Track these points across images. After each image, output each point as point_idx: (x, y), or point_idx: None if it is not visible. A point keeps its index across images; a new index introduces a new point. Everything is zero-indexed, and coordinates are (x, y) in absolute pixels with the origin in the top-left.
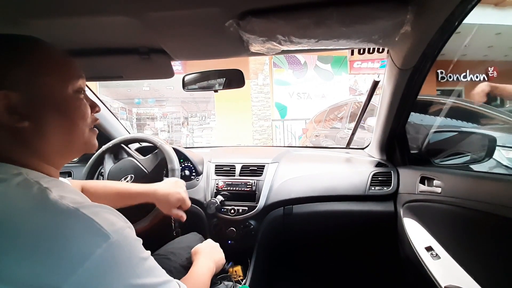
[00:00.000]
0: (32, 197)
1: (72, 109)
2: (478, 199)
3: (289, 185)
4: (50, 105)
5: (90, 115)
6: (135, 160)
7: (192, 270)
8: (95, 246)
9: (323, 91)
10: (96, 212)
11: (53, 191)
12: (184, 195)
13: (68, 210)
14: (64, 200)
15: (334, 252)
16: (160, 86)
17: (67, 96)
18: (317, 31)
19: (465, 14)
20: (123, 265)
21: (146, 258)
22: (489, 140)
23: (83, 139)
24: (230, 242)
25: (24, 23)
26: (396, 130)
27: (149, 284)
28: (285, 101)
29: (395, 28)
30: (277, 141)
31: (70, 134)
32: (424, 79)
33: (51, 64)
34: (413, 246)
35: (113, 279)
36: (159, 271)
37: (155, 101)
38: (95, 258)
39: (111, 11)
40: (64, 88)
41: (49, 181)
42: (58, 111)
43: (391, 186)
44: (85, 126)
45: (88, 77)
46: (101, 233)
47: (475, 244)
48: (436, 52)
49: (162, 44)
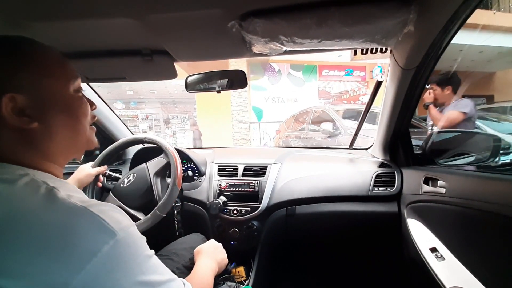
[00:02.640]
0: (40, 196)
1: (75, 107)
2: (483, 199)
3: (292, 185)
4: (55, 105)
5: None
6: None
7: (195, 270)
8: (103, 243)
9: (295, 96)
10: (103, 210)
11: (61, 190)
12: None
13: (76, 208)
14: (72, 199)
15: (337, 253)
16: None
17: (69, 95)
18: (320, 31)
19: (468, 14)
20: (129, 262)
21: (150, 256)
22: (493, 140)
23: (86, 137)
24: (233, 242)
25: (28, 26)
26: (399, 130)
27: (155, 281)
28: (261, 105)
29: (398, 28)
30: (254, 142)
31: (75, 132)
32: (427, 79)
33: (53, 65)
34: (418, 247)
35: (120, 275)
36: (164, 269)
37: (137, 103)
38: (102, 255)
39: (114, 13)
40: (66, 88)
41: (56, 181)
42: (64, 111)
43: (394, 187)
44: (87, 123)
45: (92, 78)
46: (108, 230)
47: (481, 245)
48: (439, 52)
49: (164, 46)
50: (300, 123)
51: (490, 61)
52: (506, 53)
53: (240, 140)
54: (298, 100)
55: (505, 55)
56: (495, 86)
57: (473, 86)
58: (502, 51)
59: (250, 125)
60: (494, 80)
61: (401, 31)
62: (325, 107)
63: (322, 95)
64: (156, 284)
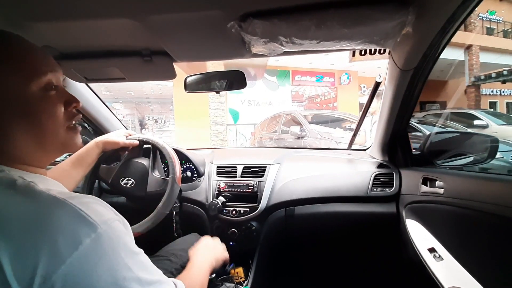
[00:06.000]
0: (18, 190)
1: (36, 109)
2: (481, 200)
3: (291, 186)
4: (9, 106)
5: (65, 111)
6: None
7: (188, 268)
8: (84, 236)
9: (270, 99)
10: (84, 203)
11: (39, 184)
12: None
13: (56, 200)
14: (51, 192)
15: (336, 254)
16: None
17: (30, 95)
18: (319, 33)
19: (466, 15)
20: (113, 256)
21: (137, 253)
22: (491, 141)
23: (58, 139)
24: (231, 243)
25: (28, 26)
26: (398, 131)
27: (143, 279)
28: (237, 107)
29: (396, 29)
30: (231, 143)
31: (38, 136)
32: (425, 80)
33: (10, 60)
34: (416, 248)
35: (103, 270)
36: (153, 269)
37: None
38: (84, 248)
39: (114, 14)
40: (26, 86)
41: (33, 176)
42: (20, 113)
43: (393, 187)
44: (57, 125)
45: (91, 79)
46: (89, 223)
47: (479, 246)
48: (437, 53)
49: (164, 46)
50: (273, 125)
51: (442, 71)
52: (455, 64)
53: (218, 141)
54: (272, 103)
55: (454, 66)
56: (447, 93)
57: (429, 93)
58: (453, 63)
59: (227, 127)
60: (446, 88)
61: (399, 33)
62: (295, 112)
63: (296, 98)
64: (145, 283)
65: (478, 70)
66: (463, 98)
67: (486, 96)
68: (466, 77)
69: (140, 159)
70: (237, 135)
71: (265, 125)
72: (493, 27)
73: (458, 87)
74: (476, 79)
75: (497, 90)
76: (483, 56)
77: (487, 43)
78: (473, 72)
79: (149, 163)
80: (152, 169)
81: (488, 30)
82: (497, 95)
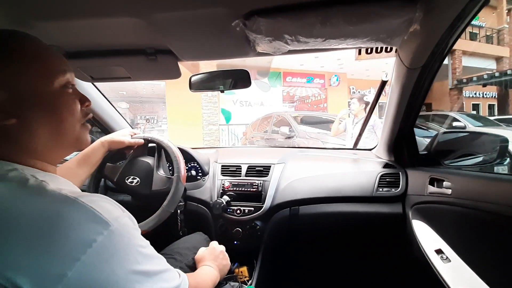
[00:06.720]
0: (30, 189)
1: (58, 105)
2: (490, 200)
3: (296, 185)
4: (35, 101)
5: (80, 110)
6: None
7: (195, 274)
8: (97, 233)
9: (262, 100)
10: (94, 201)
11: (50, 183)
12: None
13: (68, 199)
14: (63, 191)
15: (341, 254)
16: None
17: (52, 91)
18: (324, 30)
19: (475, 13)
20: (124, 252)
21: (145, 246)
22: (501, 141)
23: (74, 135)
24: (236, 242)
25: (34, 25)
26: (404, 131)
27: (150, 271)
28: (230, 108)
29: (404, 26)
30: (223, 143)
31: (58, 130)
32: (433, 78)
33: (35, 59)
34: (423, 249)
35: (116, 265)
36: (159, 259)
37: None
38: (97, 245)
39: (118, 12)
40: (49, 83)
41: (45, 175)
42: (44, 108)
43: (399, 188)
44: (75, 121)
45: (96, 77)
46: (101, 220)
47: (487, 247)
48: (445, 51)
49: (168, 45)
50: (264, 126)
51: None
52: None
53: (210, 141)
54: (264, 103)
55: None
56: (432, 95)
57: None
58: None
59: (220, 127)
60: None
61: (406, 30)
62: (285, 113)
63: (287, 99)
64: (152, 274)
65: (460, 73)
66: (447, 100)
67: (469, 99)
68: (449, 81)
69: (145, 157)
70: (230, 135)
71: (256, 125)
72: (475, 31)
73: (442, 90)
74: (459, 82)
75: (479, 92)
76: (466, 60)
77: (469, 48)
78: (455, 76)
79: (154, 161)
80: (157, 168)
81: (471, 35)
82: (480, 98)
